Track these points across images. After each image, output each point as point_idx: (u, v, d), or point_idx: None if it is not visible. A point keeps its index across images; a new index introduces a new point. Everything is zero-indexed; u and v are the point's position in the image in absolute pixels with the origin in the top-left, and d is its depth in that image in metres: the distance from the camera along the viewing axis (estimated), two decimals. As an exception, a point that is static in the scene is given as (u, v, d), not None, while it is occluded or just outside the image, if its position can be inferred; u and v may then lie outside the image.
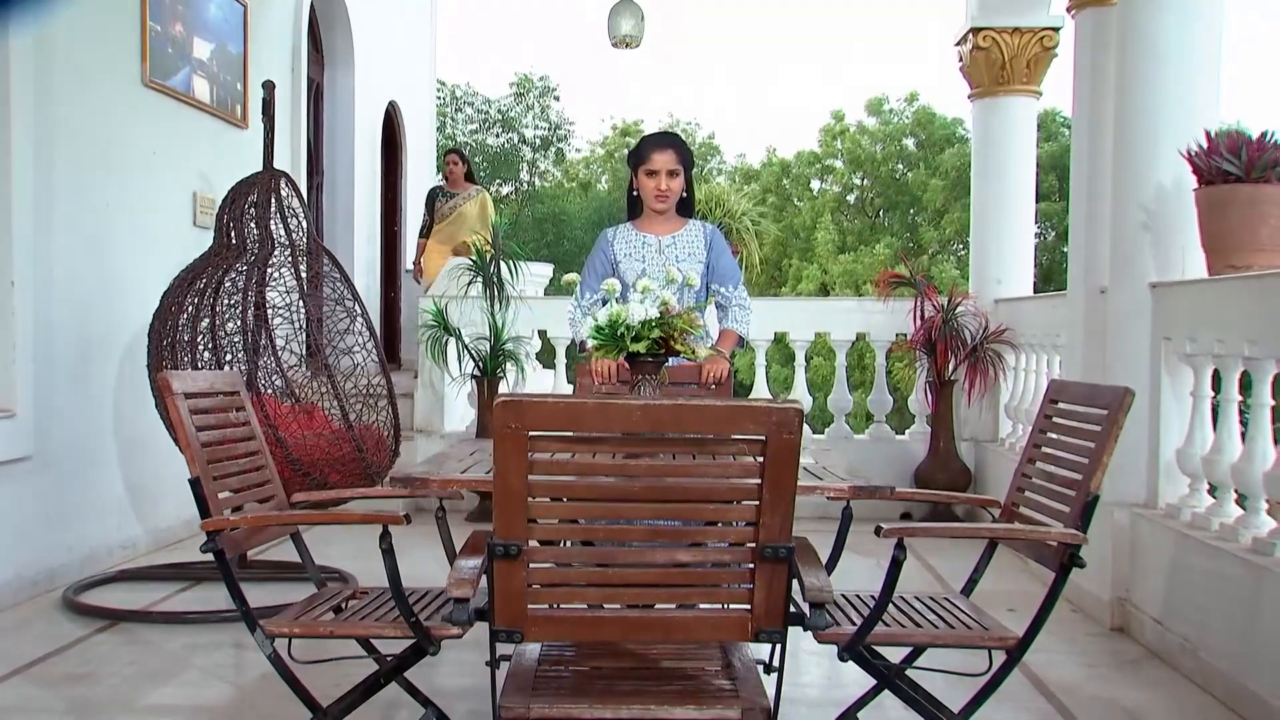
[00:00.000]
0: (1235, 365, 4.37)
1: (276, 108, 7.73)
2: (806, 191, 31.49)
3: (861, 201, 31.36)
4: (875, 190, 30.78)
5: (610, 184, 35.30)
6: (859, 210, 31.20)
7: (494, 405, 2.02)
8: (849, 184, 31.49)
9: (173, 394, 2.86)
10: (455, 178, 9.51)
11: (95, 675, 4.09)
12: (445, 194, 9.46)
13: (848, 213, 31.00)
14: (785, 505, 2.09)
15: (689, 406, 2.07)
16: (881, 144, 30.83)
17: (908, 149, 30.46)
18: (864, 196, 31.37)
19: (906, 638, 2.90)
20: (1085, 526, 2.88)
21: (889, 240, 27.42)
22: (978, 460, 7.53)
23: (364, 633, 2.89)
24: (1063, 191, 25.05)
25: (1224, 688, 3.96)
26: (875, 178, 30.54)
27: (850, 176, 31.39)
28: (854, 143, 30.88)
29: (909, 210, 30.09)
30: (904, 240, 28.19)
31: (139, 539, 6.08)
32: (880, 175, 30.14)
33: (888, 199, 30.20)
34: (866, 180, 31.13)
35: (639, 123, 36.69)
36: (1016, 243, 7.74)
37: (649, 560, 2.16)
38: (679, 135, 4.44)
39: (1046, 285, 23.82)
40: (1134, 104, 4.99)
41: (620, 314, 2.97)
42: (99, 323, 5.74)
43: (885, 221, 30.37)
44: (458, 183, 9.50)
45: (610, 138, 36.65)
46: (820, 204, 30.28)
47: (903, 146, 30.51)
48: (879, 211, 30.86)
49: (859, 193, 31.56)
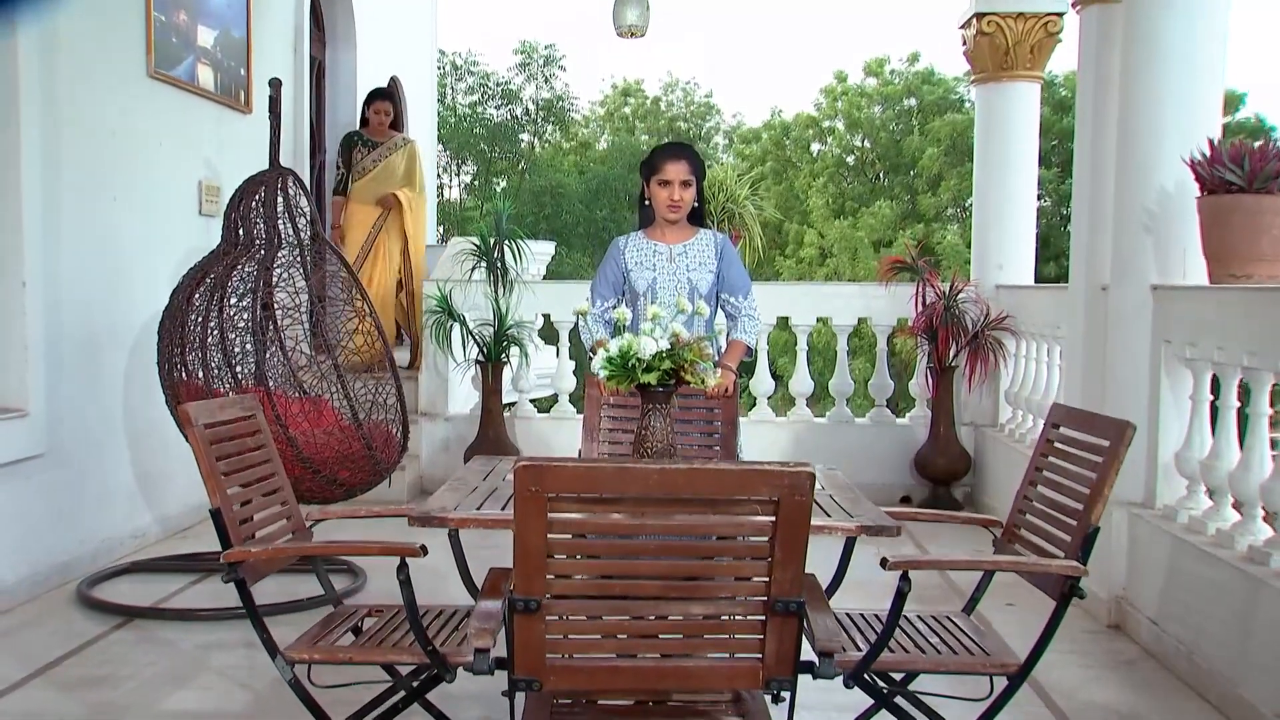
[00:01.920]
0: (1234, 373, 4.43)
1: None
2: (806, 154, 31.37)
3: (861, 164, 31.24)
4: (875, 153, 30.67)
5: (610, 144, 35.19)
6: (858, 173, 31.09)
7: (515, 469, 2.08)
8: (848, 146, 31.36)
9: (193, 426, 2.91)
10: (380, 126, 8.31)
11: (113, 678, 4.18)
12: (367, 142, 8.25)
13: (847, 175, 30.90)
14: (797, 562, 2.16)
15: (703, 471, 2.13)
16: (881, 106, 30.69)
17: (908, 111, 30.33)
18: (864, 159, 31.25)
19: (910, 664, 2.98)
20: (1085, 558, 2.95)
21: (890, 205, 27.34)
22: (977, 445, 7.60)
23: (382, 659, 2.97)
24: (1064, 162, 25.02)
25: (1218, 694, 4.05)
26: (875, 140, 30.43)
27: (850, 139, 31.26)
28: (854, 104, 30.72)
29: (909, 173, 29.99)
30: (904, 204, 28.11)
31: (149, 527, 6.16)
32: (880, 139, 30.03)
33: (888, 162, 30.09)
34: (867, 142, 31.01)
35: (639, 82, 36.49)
36: (1018, 228, 7.77)
37: (664, 613, 2.22)
38: (692, 146, 4.48)
39: (1045, 249, 23.86)
40: (1137, 106, 5.01)
41: (631, 345, 3.03)
42: (107, 315, 5.78)
43: (886, 184, 30.28)
44: (381, 130, 8.31)
45: (610, 97, 36.47)
46: (820, 167, 30.17)
47: (903, 108, 30.38)
48: (879, 174, 30.77)
49: (859, 155, 31.43)
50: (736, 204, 7.65)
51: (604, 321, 4.41)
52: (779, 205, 30.17)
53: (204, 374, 5.07)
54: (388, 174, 8.17)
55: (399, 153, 8.24)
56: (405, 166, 8.23)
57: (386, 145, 8.23)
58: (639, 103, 36.18)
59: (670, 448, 3.10)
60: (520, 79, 23.45)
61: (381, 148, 8.21)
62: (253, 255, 5.26)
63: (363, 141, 8.24)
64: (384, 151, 8.20)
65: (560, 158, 26.06)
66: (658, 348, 3.00)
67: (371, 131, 8.27)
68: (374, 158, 8.16)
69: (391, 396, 5.33)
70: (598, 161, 28.10)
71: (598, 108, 36.29)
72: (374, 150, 8.19)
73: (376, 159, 8.16)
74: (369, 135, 8.26)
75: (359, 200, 8.12)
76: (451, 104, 22.20)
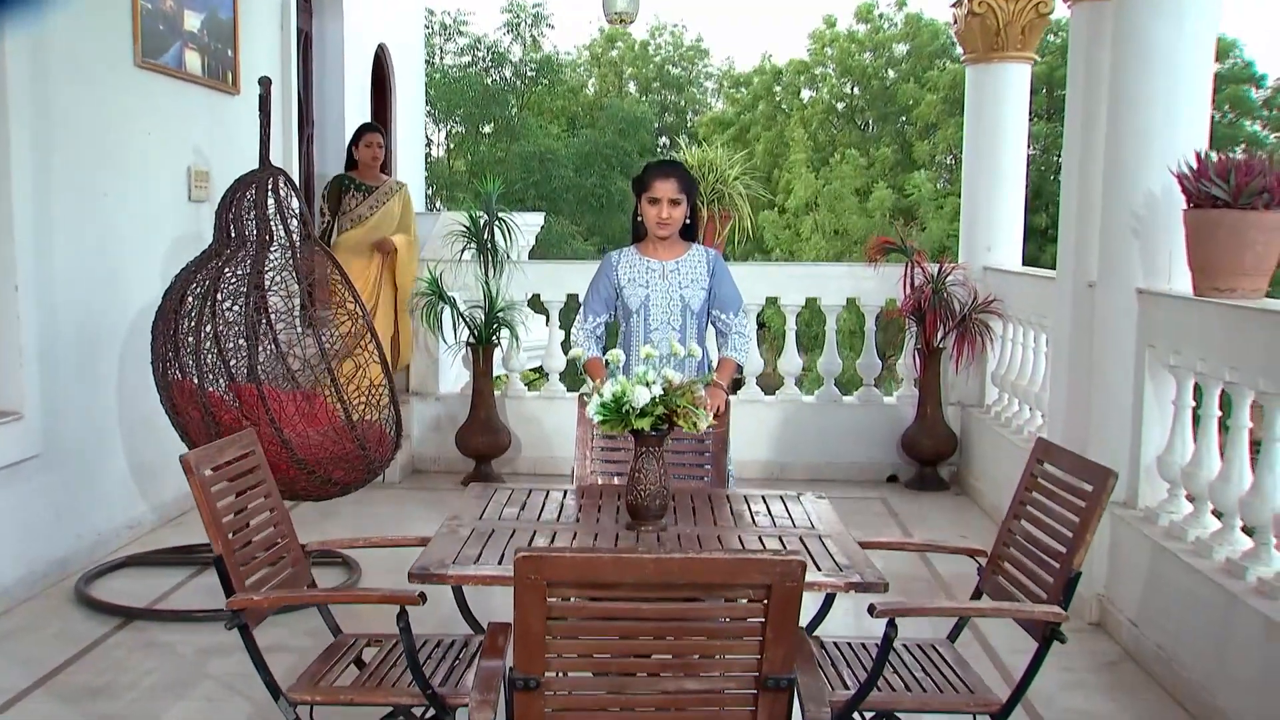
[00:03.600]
0: (1216, 384, 4.50)
1: (265, 64, 7.74)
2: (796, 100, 31.18)
3: (851, 111, 31.09)
4: (865, 100, 30.51)
5: (597, 88, 34.88)
6: (848, 120, 30.95)
7: (515, 558, 2.14)
8: (838, 92, 31.19)
9: (194, 474, 2.96)
10: (372, 166, 7.45)
11: (113, 687, 4.25)
12: (359, 186, 7.41)
13: (836, 123, 30.75)
14: (788, 642, 2.23)
15: (698, 560, 2.19)
16: (872, 52, 30.48)
17: (898, 57, 30.12)
18: (854, 105, 31.09)
19: (895, 704, 3.07)
20: (1067, 602, 3.03)
21: (876, 153, 27.25)
22: (963, 425, 7.69)
23: (383, 701, 3.04)
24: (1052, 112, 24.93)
25: (1195, 702, 4.16)
26: (866, 87, 30.25)
27: (840, 85, 31.08)
28: (844, 51, 30.50)
29: (899, 120, 29.85)
30: (895, 153, 28.00)
31: (144, 517, 6.22)
32: (871, 86, 29.86)
33: (878, 109, 29.95)
34: (857, 89, 30.84)
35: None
36: (1007, 209, 7.80)
37: (659, 689, 2.30)
38: (682, 164, 4.52)
39: (1036, 199, 23.83)
40: (1125, 110, 5.03)
41: (625, 390, 3.08)
42: (100, 310, 5.80)
43: (875, 132, 30.16)
44: (373, 172, 7.47)
45: (596, 41, 36.13)
46: (810, 114, 30.01)
47: (893, 55, 30.17)
48: (868, 122, 30.64)
49: (849, 101, 31.27)
50: (726, 185, 7.64)
51: (596, 338, 4.46)
52: (767, 152, 30.05)
53: (198, 376, 5.10)
54: (385, 222, 7.43)
55: (395, 198, 7.50)
56: (401, 214, 7.52)
57: (382, 190, 7.47)
58: (627, 47, 35.85)
59: (663, 489, 3.16)
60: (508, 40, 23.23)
61: (377, 193, 7.44)
62: (245, 254, 5.26)
63: (355, 186, 7.43)
64: (380, 197, 7.44)
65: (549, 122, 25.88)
66: (651, 395, 3.05)
67: (363, 174, 7.48)
68: (370, 204, 7.38)
69: (385, 397, 5.37)
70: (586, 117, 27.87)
71: (584, 50, 35.97)
72: (369, 196, 7.41)
73: (373, 205, 7.39)
74: (360, 179, 7.47)
75: (352, 250, 7.26)
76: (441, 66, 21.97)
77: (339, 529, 6.28)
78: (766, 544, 3.11)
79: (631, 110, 25.68)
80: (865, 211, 25.32)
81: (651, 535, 3.14)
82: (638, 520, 3.18)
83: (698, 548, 3.05)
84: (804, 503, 3.55)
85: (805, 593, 2.23)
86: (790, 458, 7.83)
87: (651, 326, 4.38)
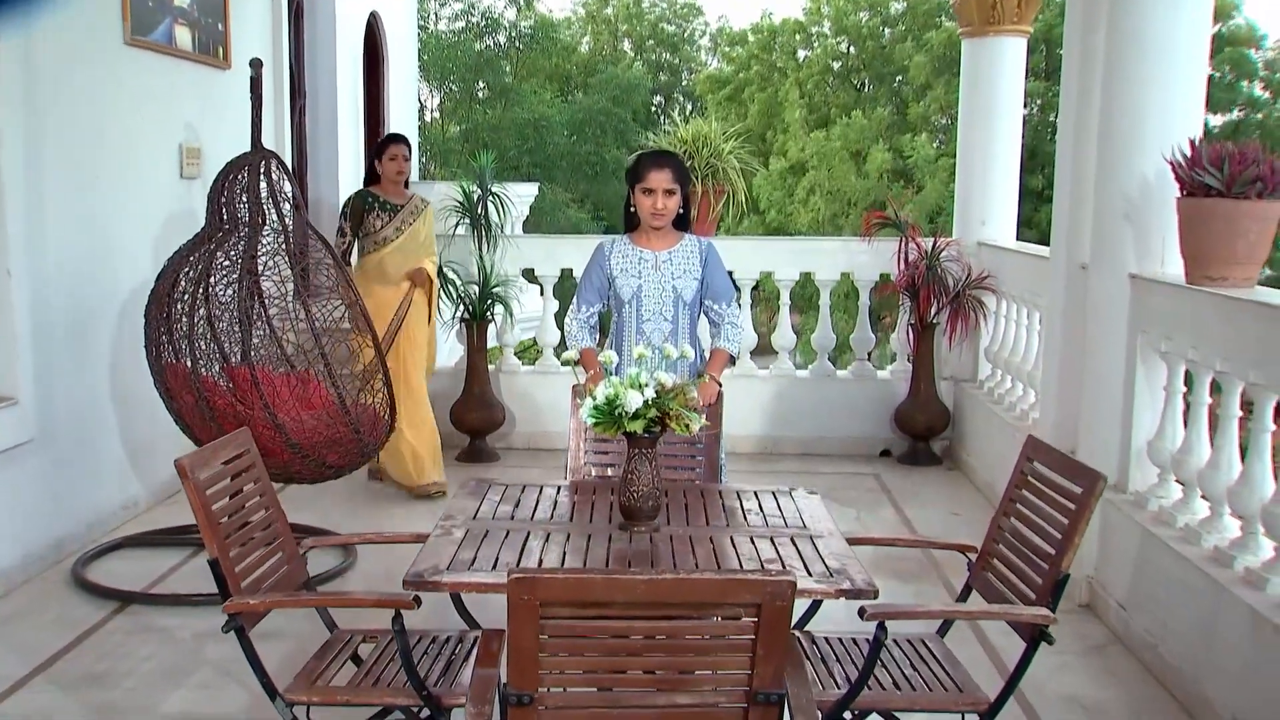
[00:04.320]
0: (1207, 373, 4.52)
1: (257, 37, 7.69)
2: (792, 60, 31.02)
3: (847, 70, 30.93)
4: (861, 60, 30.35)
5: (592, 46, 34.65)
6: (843, 80, 30.80)
7: (508, 579, 2.16)
8: (834, 51, 31.01)
9: (189, 479, 2.98)
10: (396, 182, 6.64)
11: (112, 675, 4.29)
12: (383, 205, 6.57)
13: (832, 83, 30.60)
14: (778, 658, 2.26)
15: (689, 581, 2.22)
16: (868, 11, 30.28)
17: (895, 16, 29.92)
18: (850, 65, 30.93)
19: (884, 704, 3.11)
20: (1055, 603, 3.06)
21: (872, 114, 27.13)
22: (956, 400, 7.72)
23: (378, 701, 3.08)
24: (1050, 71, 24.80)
25: (1181, 688, 4.21)
26: (862, 48, 30.08)
27: (836, 45, 30.90)
28: (840, 10, 30.31)
29: (895, 80, 29.71)
30: (890, 114, 27.90)
31: (140, 496, 6.25)
32: (867, 46, 29.68)
33: (874, 70, 29.79)
34: (853, 49, 30.66)
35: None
36: (1002, 184, 7.80)
37: (651, 703, 2.33)
38: (676, 155, 4.49)
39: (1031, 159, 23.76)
40: (1120, 95, 5.02)
41: (618, 393, 3.09)
42: (92, 292, 5.79)
43: (870, 92, 30.02)
44: (398, 188, 6.66)
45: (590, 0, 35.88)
46: (804, 75, 29.86)
47: (889, 14, 29.97)
48: (863, 83, 30.48)
49: (845, 61, 31.10)
50: (720, 159, 7.62)
51: (590, 327, 4.47)
52: (762, 112, 29.93)
53: (191, 360, 5.10)
54: (411, 245, 6.64)
55: (420, 218, 6.70)
56: (426, 234, 6.79)
57: (408, 210, 6.64)
58: (621, 5, 35.60)
59: (655, 490, 3.18)
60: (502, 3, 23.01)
61: (403, 212, 6.61)
62: (238, 238, 5.25)
63: (379, 205, 6.57)
64: (406, 217, 6.61)
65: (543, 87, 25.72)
66: (644, 398, 3.06)
67: (387, 190, 6.62)
68: (396, 225, 6.57)
69: (378, 381, 5.38)
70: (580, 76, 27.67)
71: (579, 7, 35.71)
72: (395, 215, 6.58)
73: (399, 227, 6.57)
74: (385, 196, 6.61)
75: (378, 278, 6.50)
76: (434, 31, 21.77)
77: (332, 505, 6.32)
78: (758, 545, 3.13)
79: (626, 76, 25.54)
80: (862, 173, 25.26)
81: (644, 536, 3.17)
82: (630, 521, 3.20)
83: (690, 550, 3.07)
84: (795, 499, 3.57)
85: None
86: (783, 432, 7.86)
87: (644, 317, 4.38)
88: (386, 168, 6.59)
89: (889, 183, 23.85)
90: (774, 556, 3.00)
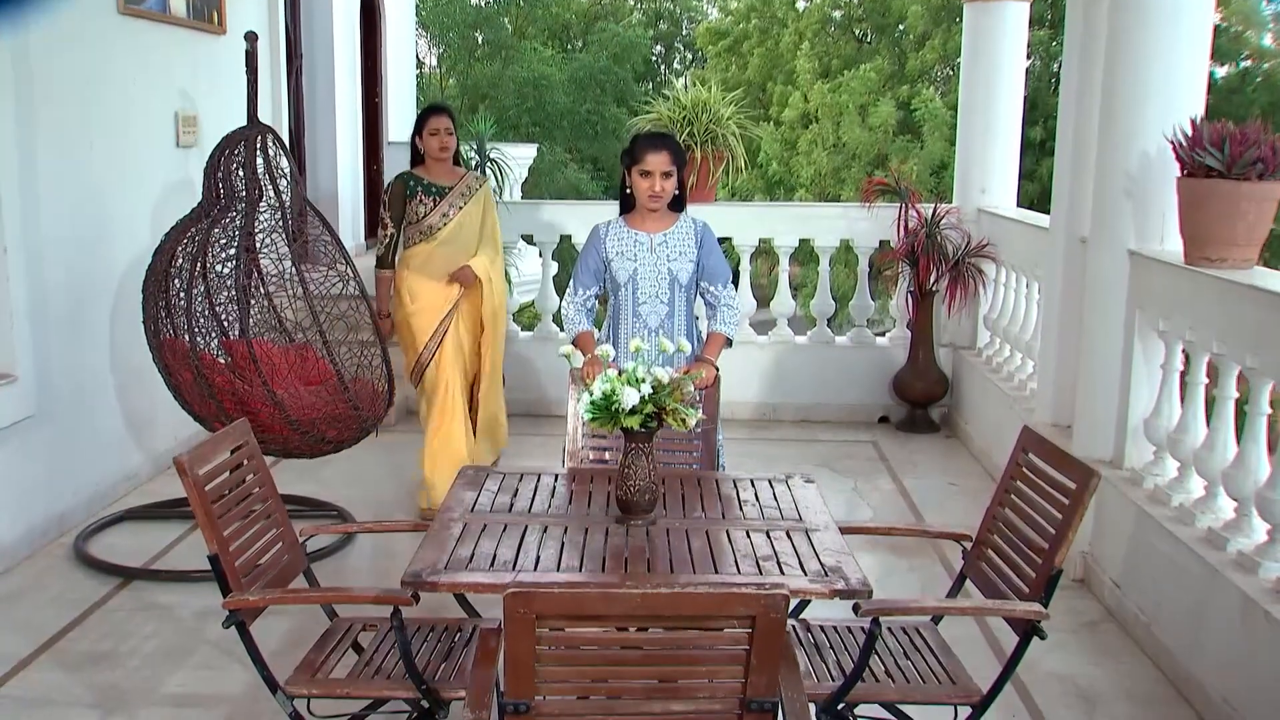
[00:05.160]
0: (1204, 354, 4.52)
1: (252, 1, 7.62)
2: (792, 10, 30.67)
3: (848, 20, 30.59)
4: (863, 9, 30.00)
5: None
6: (844, 30, 30.46)
7: (505, 595, 2.18)
8: (833, 1, 30.63)
9: (188, 476, 2.99)
10: (442, 159, 5.62)
11: (115, 655, 4.34)
12: (428, 188, 5.59)
13: (833, 33, 30.27)
14: (771, 668, 2.28)
15: (684, 595, 2.24)
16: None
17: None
18: (851, 15, 30.58)
19: (878, 695, 3.14)
20: (1048, 599, 3.09)
21: (875, 67, 26.86)
22: (955, 367, 7.73)
23: (378, 693, 3.12)
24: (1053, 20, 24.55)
25: (1172, 668, 4.26)
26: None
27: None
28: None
29: (896, 30, 29.38)
30: (891, 65, 27.62)
31: (140, 467, 6.28)
32: (866, -7, 29.33)
33: (875, 20, 29.46)
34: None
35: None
36: (1003, 151, 7.75)
37: (646, 711, 2.36)
38: (673, 136, 4.47)
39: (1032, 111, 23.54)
40: (1122, 70, 4.98)
41: (615, 387, 3.10)
42: (90, 265, 5.78)
43: (872, 44, 29.71)
44: (445, 168, 5.64)
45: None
46: (804, 25, 29.53)
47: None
48: (865, 33, 30.16)
49: (846, 10, 30.75)
50: (720, 124, 7.57)
51: (586, 310, 4.46)
52: (762, 64, 29.64)
53: (189, 335, 5.10)
54: (464, 234, 5.63)
55: (473, 200, 5.67)
56: (483, 220, 5.74)
57: (457, 192, 5.62)
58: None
59: (652, 484, 3.20)
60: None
61: (451, 195, 5.60)
62: (236, 212, 5.23)
63: (423, 187, 5.59)
64: (456, 200, 5.60)
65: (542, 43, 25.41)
66: (640, 395, 3.07)
67: (431, 171, 5.63)
68: (442, 211, 5.57)
69: (376, 357, 5.39)
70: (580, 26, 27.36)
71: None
72: (441, 200, 5.58)
73: (447, 213, 5.57)
74: (430, 178, 5.62)
75: (424, 273, 5.56)
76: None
77: (331, 473, 6.34)
78: (754, 539, 3.15)
79: (626, 35, 25.27)
80: (866, 126, 25.05)
81: (641, 529, 3.19)
82: (627, 514, 3.22)
83: (686, 544, 3.09)
84: (792, 488, 3.59)
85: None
86: (781, 399, 7.88)
87: (640, 300, 4.38)
88: (428, 144, 5.58)
89: (893, 136, 23.65)
90: (770, 553, 3.01)
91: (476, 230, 5.66)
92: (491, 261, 5.69)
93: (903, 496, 6.37)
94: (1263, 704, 3.65)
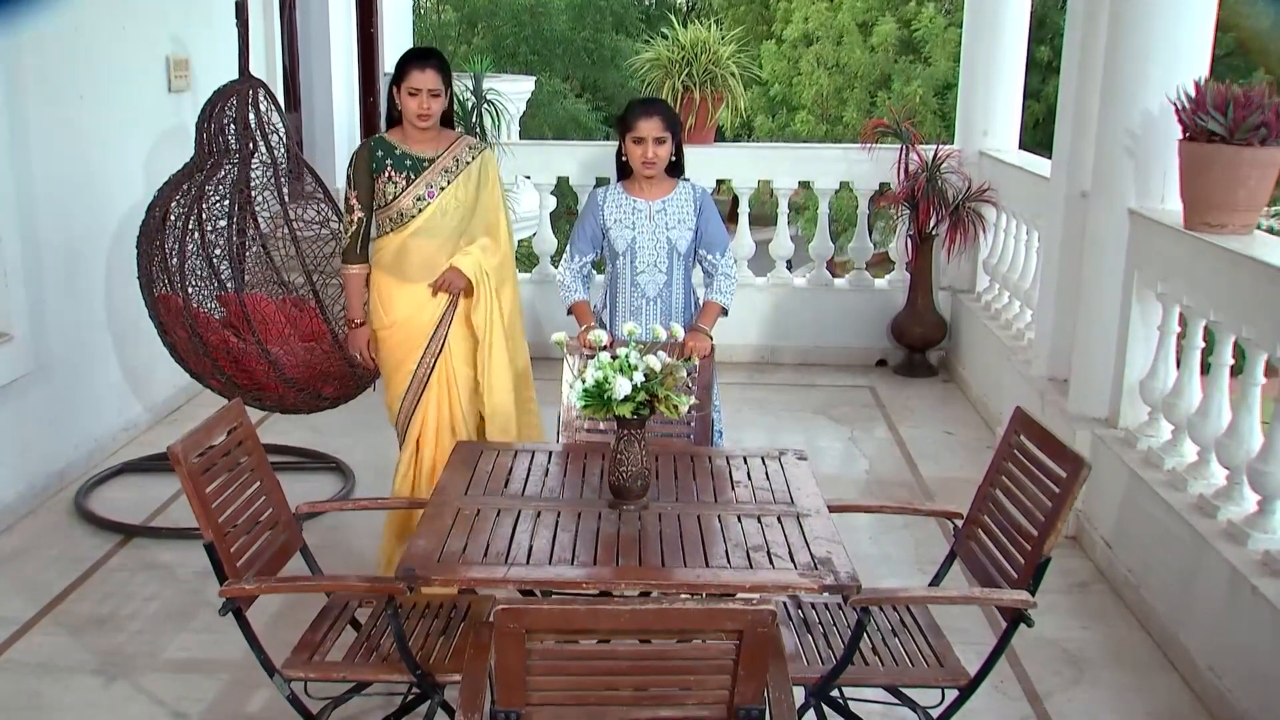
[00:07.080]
0: (1200, 320, 4.51)
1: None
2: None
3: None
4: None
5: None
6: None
7: (495, 611, 2.21)
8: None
9: (182, 465, 3.01)
10: (424, 118, 4.11)
11: (117, 617, 4.40)
12: (399, 160, 4.18)
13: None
14: (759, 678, 2.32)
15: (673, 610, 2.26)
16: None
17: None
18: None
19: (869, 679, 3.18)
20: (1035, 587, 3.12)
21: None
22: (953, 311, 7.72)
23: (374, 677, 3.17)
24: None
25: (1160, 631, 4.31)
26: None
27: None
28: None
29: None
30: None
31: (139, 417, 6.30)
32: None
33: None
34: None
35: None
36: (1006, 92, 7.65)
37: (635, 718, 2.40)
38: (665, 102, 4.41)
39: (1040, 30, 23.12)
40: (1126, 27, 4.91)
41: (607, 375, 3.10)
42: (82, 218, 5.75)
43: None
44: (427, 133, 4.18)
45: None
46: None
47: None
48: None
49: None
50: (719, 65, 7.47)
51: (583, 277, 4.44)
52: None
53: (184, 292, 5.09)
54: (448, 223, 4.23)
55: (462, 177, 4.23)
56: (480, 200, 4.30)
57: (440, 167, 4.21)
58: None
59: (645, 470, 3.21)
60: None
61: (431, 170, 4.19)
62: (229, 166, 5.19)
63: (394, 160, 4.18)
64: (435, 179, 4.19)
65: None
66: (633, 383, 3.07)
67: (409, 137, 4.20)
68: (417, 194, 4.18)
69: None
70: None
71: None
72: (417, 178, 4.18)
73: (422, 195, 4.18)
74: (405, 146, 4.20)
75: (397, 274, 4.24)
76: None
77: (326, 423, 6.33)
78: (745, 524, 3.17)
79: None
80: (868, 45, 24.65)
81: (634, 515, 3.21)
82: (620, 499, 3.24)
83: (678, 532, 3.11)
84: (785, 466, 3.60)
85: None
86: (780, 342, 7.88)
87: (638, 269, 4.36)
88: (406, 105, 4.11)
89: (894, 57, 23.31)
90: (760, 543, 3.03)
91: (467, 217, 4.25)
92: (486, 253, 4.28)
93: (898, 446, 6.40)
94: (1247, 676, 3.70)
